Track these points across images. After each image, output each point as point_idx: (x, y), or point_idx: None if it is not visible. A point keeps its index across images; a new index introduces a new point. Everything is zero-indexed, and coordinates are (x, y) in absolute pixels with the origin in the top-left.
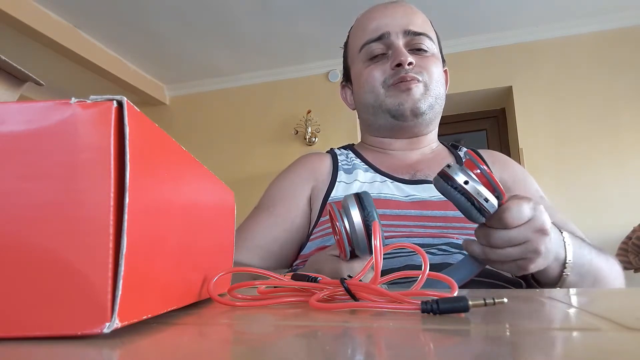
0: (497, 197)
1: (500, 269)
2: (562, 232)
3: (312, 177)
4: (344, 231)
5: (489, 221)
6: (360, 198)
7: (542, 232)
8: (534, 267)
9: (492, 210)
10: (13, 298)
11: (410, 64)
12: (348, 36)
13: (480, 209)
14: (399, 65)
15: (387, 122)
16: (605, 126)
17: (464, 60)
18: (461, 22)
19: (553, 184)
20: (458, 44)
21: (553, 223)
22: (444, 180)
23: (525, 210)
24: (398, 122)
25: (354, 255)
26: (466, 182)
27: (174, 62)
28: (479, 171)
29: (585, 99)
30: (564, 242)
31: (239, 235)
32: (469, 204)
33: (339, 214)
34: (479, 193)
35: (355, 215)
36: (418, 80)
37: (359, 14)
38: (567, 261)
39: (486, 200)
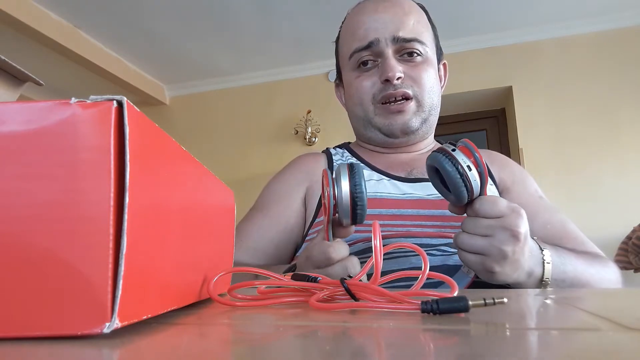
0: (481, 181)
1: (468, 264)
2: (542, 250)
3: (307, 177)
4: (331, 196)
5: (468, 206)
6: (352, 168)
7: (512, 233)
8: (500, 272)
9: (474, 186)
10: (13, 298)
11: (399, 78)
12: (339, 33)
13: (464, 177)
14: (388, 80)
15: (377, 137)
16: (605, 126)
17: (464, 60)
18: (461, 22)
19: (553, 184)
20: (458, 44)
21: (536, 238)
22: (436, 151)
23: (499, 206)
24: (389, 139)
25: (336, 221)
26: (454, 150)
27: (174, 62)
28: (472, 159)
29: (585, 99)
30: (543, 260)
31: (235, 236)
32: (456, 173)
33: (331, 179)
34: (465, 162)
35: (345, 182)
36: (409, 98)
37: (349, 9)
38: (544, 279)
39: (469, 168)
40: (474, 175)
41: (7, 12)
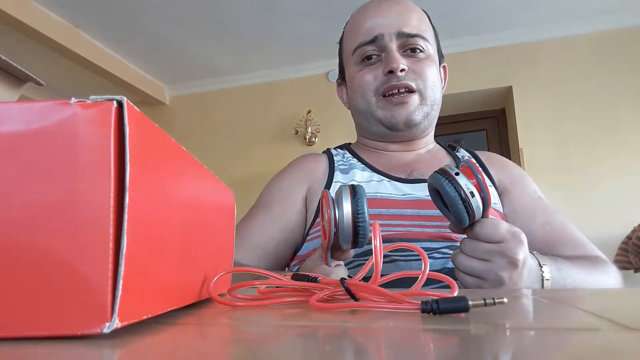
0: (484, 206)
1: (464, 285)
2: (542, 267)
3: (308, 177)
4: (332, 219)
5: (468, 227)
6: (354, 191)
7: (510, 260)
8: None
9: (476, 211)
10: (13, 298)
11: (402, 70)
12: (343, 33)
13: (466, 204)
14: (391, 72)
15: (379, 130)
16: (605, 126)
17: (464, 60)
18: (461, 22)
19: (553, 184)
20: (458, 44)
21: (535, 253)
22: (438, 173)
23: (500, 230)
24: (391, 132)
25: (336, 245)
26: (457, 174)
27: (174, 62)
28: (474, 180)
29: (585, 99)
30: (542, 278)
31: (235, 235)
32: (459, 199)
33: (332, 202)
34: (468, 188)
35: (347, 206)
36: (412, 91)
37: (354, 10)
38: None
39: (472, 194)
40: (477, 202)
41: (7, 12)
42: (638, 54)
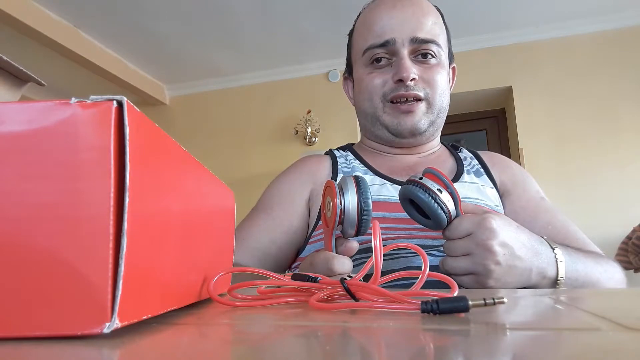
0: (454, 201)
1: (464, 287)
2: (554, 249)
3: (311, 179)
4: (338, 207)
5: (445, 230)
6: (359, 180)
7: (484, 247)
8: (498, 285)
9: (449, 206)
10: (13, 298)
11: (413, 79)
12: (354, 27)
13: (437, 199)
14: (401, 80)
15: (384, 135)
16: (605, 126)
17: (464, 60)
18: (461, 22)
19: (553, 184)
20: (458, 44)
21: (545, 237)
22: (407, 183)
23: (464, 225)
24: (396, 139)
25: (339, 233)
26: (421, 178)
27: (174, 62)
28: (440, 183)
29: (585, 99)
30: (556, 259)
31: (236, 237)
32: (429, 197)
33: (338, 191)
34: (434, 186)
35: (352, 195)
36: (419, 99)
37: (366, 3)
38: (558, 278)
39: (440, 191)
40: (446, 197)
41: (7, 12)
42: (638, 53)
